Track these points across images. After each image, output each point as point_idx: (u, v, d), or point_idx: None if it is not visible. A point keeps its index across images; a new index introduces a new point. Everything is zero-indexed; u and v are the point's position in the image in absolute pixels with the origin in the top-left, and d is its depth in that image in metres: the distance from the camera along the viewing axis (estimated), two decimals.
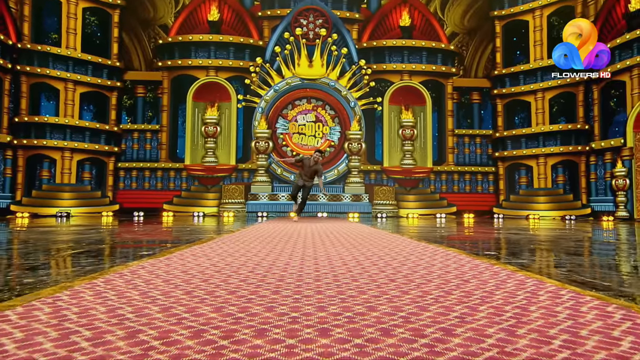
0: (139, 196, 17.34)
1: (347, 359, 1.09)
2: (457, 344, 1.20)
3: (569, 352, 1.13)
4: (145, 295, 1.81)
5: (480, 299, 1.76)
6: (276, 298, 1.77)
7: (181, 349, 1.16)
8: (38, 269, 2.79)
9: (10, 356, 1.07)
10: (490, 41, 18.57)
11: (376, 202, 17.49)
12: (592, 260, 3.66)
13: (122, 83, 17.60)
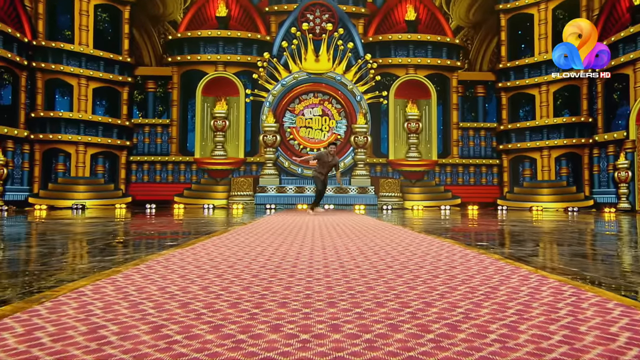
0: (150, 189, 17.82)
1: (350, 321, 1.46)
2: (434, 301, 1.57)
3: (545, 308, 1.49)
4: (183, 277, 2.20)
5: (462, 274, 2.13)
6: (292, 280, 2.15)
7: (219, 309, 1.53)
8: (86, 257, 3.19)
9: (103, 306, 1.45)
10: (495, 35, 18.74)
11: (382, 194, 17.85)
12: (574, 250, 4.00)
13: (133, 78, 18.02)
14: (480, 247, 3.79)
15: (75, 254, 3.43)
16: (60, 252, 3.57)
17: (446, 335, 1.31)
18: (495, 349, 1.20)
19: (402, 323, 1.43)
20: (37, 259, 3.16)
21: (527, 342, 1.26)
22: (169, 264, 2.64)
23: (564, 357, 1.15)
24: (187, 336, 1.29)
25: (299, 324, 1.43)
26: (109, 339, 1.27)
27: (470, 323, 1.44)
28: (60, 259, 3.14)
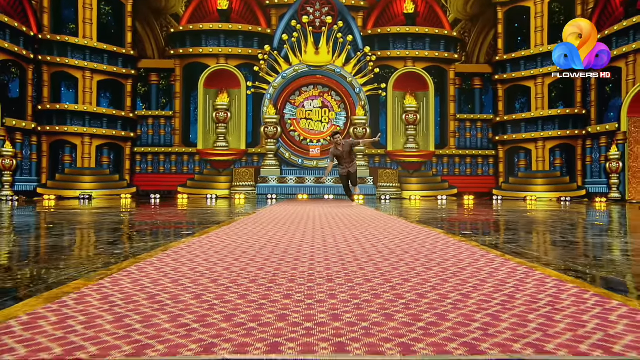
0: (154, 179, 18.28)
1: (344, 292, 1.91)
2: (412, 278, 2.02)
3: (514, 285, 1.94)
4: (207, 260, 2.65)
5: (440, 257, 2.58)
6: (297, 263, 2.60)
7: (241, 284, 1.98)
8: (117, 244, 3.65)
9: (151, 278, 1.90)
10: (492, 27, 19.05)
11: (380, 184, 18.30)
12: (545, 237, 4.46)
13: (137, 71, 18.37)
14: (462, 236, 4.24)
15: (107, 242, 3.88)
16: (94, 240, 4.03)
17: (405, 280, 1.76)
18: (454, 299, 1.65)
19: (383, 292, 1.88)
20: (77, 245, 3.62)
21: (478, 298, 1.72)
22: (192, 249, 3.09)
23: (503, 304, 1.60)
24: (222, 300, 1.74)
25: (305, 293, 1.88)
26: (164, 302, 1.72)
27: (436, 281, 1.89)
28: (96, 246, 3.60)
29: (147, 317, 1.52)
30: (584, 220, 7.04)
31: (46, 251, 3.33)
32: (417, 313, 1.58)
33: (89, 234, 4.57)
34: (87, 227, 5.27)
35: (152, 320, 1.49)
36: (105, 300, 1.74)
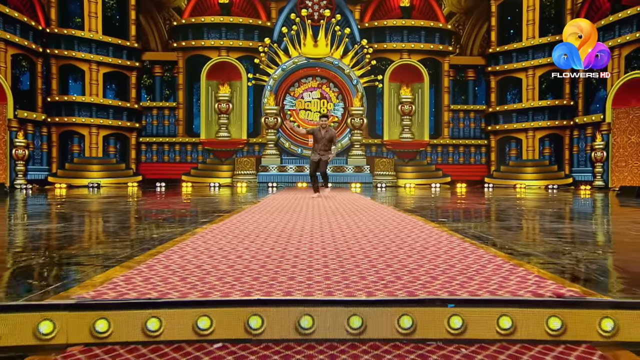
0: (159, 168, 18.99)
1: (333, 260, 2.66)
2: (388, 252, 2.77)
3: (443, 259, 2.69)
4: (228, 242, 3.40)
5: (409, 238, 3.34)
6: (299, 244, 3.35)
7: (260, 256, 2.73)
8: (152, 229, 4.40)
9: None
10: (486, 20, 19.62)
11: (377, 173, 19.04)
12: (503, 224, 5.22)
13: (141, 63, 18.95)
14: (438, 223, 5.00)
15: (142, 228, 4.63)
16: (133, 227, 4.78)
17: (380, 255, 2.51)
18: (411, 268, 2.40)
19: (362, 263, 2.64)
20: (121, 231, 4.37)
21: (428, 267, 2.47)
22: (215, 234, 3.85)
23: (444, 270, 2.35)
24: (248, 269, 2.49)
25: (306, 264, 2.64)
26: (208, 270, 2.47)
27: (403, 256, 2.64)
28: (137, 231, 4.35)
29: (201, 278, 2.28)
30: (552, 208, 7.81)
31: (99, 235, 4.08)
32: (382, 276, 2.33)
33: (124, 221, 5.32)
34: (119, 215, 6.02)
35: (205, 279, 2.25)
36: (167, 269, 2.49)
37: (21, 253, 3.16)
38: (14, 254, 3.14)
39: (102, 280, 2.24)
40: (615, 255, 3.24)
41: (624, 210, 7.68)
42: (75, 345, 1.81)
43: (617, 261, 3.01)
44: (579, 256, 3.01)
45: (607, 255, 3.17)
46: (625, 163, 15.26)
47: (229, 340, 1.83)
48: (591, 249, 3.35)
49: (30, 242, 3.71)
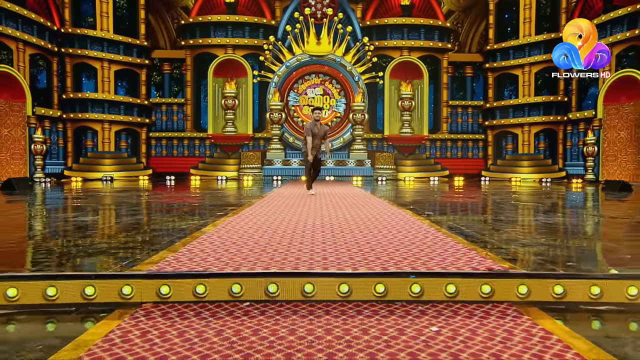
0: (168, 162, 19.79)
1: (328, 240, 3.43)
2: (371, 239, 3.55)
3: (417, 245, 3.46)
4: (247, 230, 4.17)
5: (391, 226, 4.10)
6: (304, 231, 4.12)
7: (277, 238, 3.50)
8: (180, 220, 5.17)
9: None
10: (484, 18, 20.19)
11: (377, 166, 19.76)
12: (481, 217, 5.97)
13: (150, 61, 19.68)
14: (422, 215, 5.76)
15: (172, 220, 5.41)
16: (165, 218, 5.56)
17: (368, 242, 3.28)
18: (389, 250, 3.17)
19: (351, 246, 3.41)
20: (156, 221, 5.15)
21: (402, 249, 3.23)
22: (235, 224, 4.62)
23: (408, 250, 3.12)
24: (265, 250, 3.27)
25: (309, 246, 3.41)
26: (240, 249, 3.25)
27: (385, 242, 3.41)
28: (171, 221, 5.13)
29: (230, 258, 3.06)
30: (533, 202, 8.55)
31: (140, 226, 4.86)
32: (366, 257, 3.11)
33: (153, 214, 6.10)
34: (147, 209, 6.80)
35: (234, 258, 3.03)
36: (203, 252, 3.27)
37: (87, 239, 3.95)
38: (82, 241, 3.93)
39: (158, 259, 3.02)
40: (553, 242, 3.99)
41: (603, 203, 8.42)
42: (147, 303, 2.59)
43: (551, 247, 3.76)
44: (525, 242, 3.77)
45: (548, 242, 3.92)
46: (614, 157, 15.94)
47: (254, 301, 2.60)
48: (538, 238, 4.10)
49: (87, 232, 4.50)
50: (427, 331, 2.03)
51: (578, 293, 2.63)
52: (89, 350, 1.78)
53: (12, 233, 4.60)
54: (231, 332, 2.00)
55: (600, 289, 2.61)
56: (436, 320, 2.21)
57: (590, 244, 4.08)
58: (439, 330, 2.03)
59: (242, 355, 1.72)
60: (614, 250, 3.75)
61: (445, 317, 2.27)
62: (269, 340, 1.89)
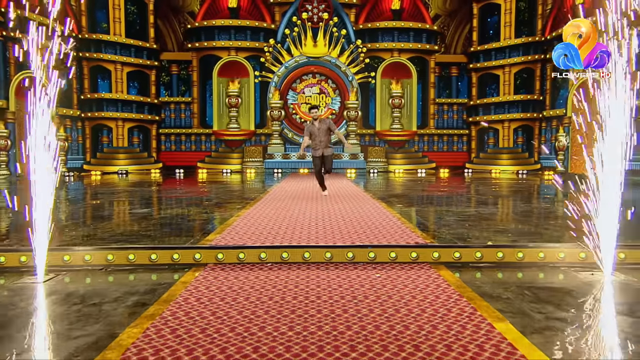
0: (177, 156, 21.47)
1: (321, 222, 5.18)
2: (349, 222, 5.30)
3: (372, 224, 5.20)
4: (262, 220, 5.92)
5: (364, 214, 5.86)
6: (304, 220, 5.87)
7: (285, 222, 5.25)
8: (209, 212, 6.90)
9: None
10: (468, 22, 21.76)
11: (370, 159, 21.46)
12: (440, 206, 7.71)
13: (159, 62, 21.24)
14: (392, 207, 7.50)
15: (206, 211, 7.14)
16: (196, 211, 7.30)
17: (346, 225, 5.04)
18: (355, 229, 4.93)
19: (335, 229, 5.17)
20: (191, 214, 6.89)
21: (365, 226, 4.99)
22: (253, 215, 6.36)
23: (366, 226, 4.87)
24: (278, 233, 5.02)
25: (308, 230, 5.17)
26: (264, 231, 5.00)
27: (354, 224, 5.17)
28: (205, 212, 6.87)
29: (257, 236, 4.81)
30: (490, 194, 10.31)
31: (185, 216, 6.60)
32: (343, 234, 4.87)
33: (189, 207, 7.83)
34: (183, 202, 8.53)
35: (260, 237, 4.79)
36: (238, 234, 5.02)
37: (158, 226, 5.69)
38: (151, 227, 5.68)
39: (212, 238, 4.78)
40: (469, 226, 5.74)
41: (539, 195, 10.20)
42: (209, 264, 4.33)
43: (465, 229, 5.51)
44: (451, 226, 5.53)
45: (465, 226, 5.67)
46: (581, 152, 17.67)
47: (274, 262, 4.34)
48: (462, 224, 5.85)
49: (152, 220, 6.23)
50: (374, 276, 3.78)
51: (468, 257, 4.37)
52: (189, 285, 3.52)
53: (102, 220, 6.33)
54: (263, 277, 3.75)
55: (481, 253, 4.36)
56: (381, 271, 3.96)
57: (491, 226, 5.83)
58: (380, 276, 3.78)
59: (271, 285, 3.48)
60: (504, 231, 5.51)
61: (386, 270, 4.01)
62: (285, 281, 3.63)
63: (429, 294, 3.21)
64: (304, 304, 2.98)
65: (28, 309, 3.06)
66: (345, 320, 2.69)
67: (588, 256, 4.14)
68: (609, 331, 2.72)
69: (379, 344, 2.33)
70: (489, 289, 3.44)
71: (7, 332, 2.64)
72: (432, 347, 2.30)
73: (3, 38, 15.01)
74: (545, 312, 2.93)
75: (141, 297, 3.23)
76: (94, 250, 4.29)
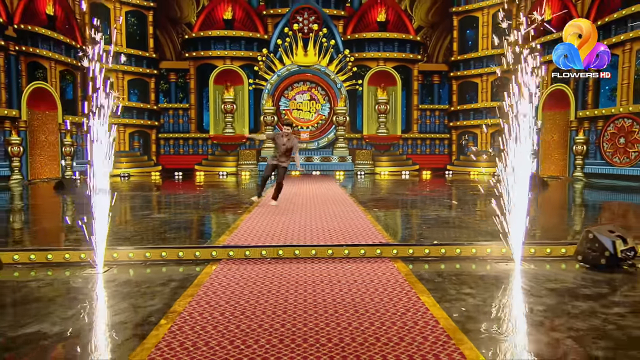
0: (175, 159, 22.72)
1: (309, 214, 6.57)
2: (328, 216, 6.70)
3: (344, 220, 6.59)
4: (262, 221, 7.29)
5: (343, 217, 7.26)
6: (301, 217, 7.25)
7: (289, 214, 6.63)
8: (230, 211, 8.25)
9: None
10: (449, 33, 23.22)
11: (357, 162, 22.85)
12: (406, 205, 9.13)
13: (158, 71, 22.45)
14: (367, 209, 8.89)
15: (214, 214, 8.49)
16: (207, 213, 8.65)
17: (328, 222, 6.44)
18: (330, 226, 6.33)
19: (318, 226, 6.57)
20: (202, 217, 8.25)
21: (340, 224, 6.39)
22: (255, 216, 7.72)
23: (341, 223, 6.27)
24: (281, 231, 6.40)
25: (297, 227, 6.56)
26: (273, 229, 6.38)
27: (333, 221, 6.57)
28: (216, 215, 8.22)
29: (260, 237, 6.19)
30: (456, 198, 11.75)
31: (198, 220, 7.94)
32: (325, 235, 6.27)
33: (200, 210, 9.17)
34: (193, 206, 9.86)
35: (261, 238, 6.17)
36: (245, 235, 6.40)
37: (176, 229, 7.04)
38: (173, 231, 7.03)
39: (223, 239, 6.16)
40: (425, 228, 7.16)
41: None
42: (223, 259, 5.69)
43: (421, 230, 6.91)
44: (411, 228, 6.94)
45: (422, 228, 7.07)
46: (550, 156, 19.25)
47: (272, 258, 5.71)
48: (420, 225, 7.26)
49: (173, 224, 7.58)
50: (347, 268, 5.18)
51: (419, 252, 5.77)
52: (212, 275, 4.90)
53: (133, 225, 7.65)
54: (264, 269, 5.12)
55: (429, 250, 5.77)
56: (352, 265, 5.35)
57: (443, 228, 7.25)
58: (351, 267, 5.17)
59: (270, 275, 4.87)
60: (452, 231, 6.94)
61: (357, 263, 5.40)
62: (280, 272, 5.00)
63: (384, 279, 4.61)
64: (293, 284, 4.38)
65: (105, 291, 4.42)
66: (324, 292, 4.08)
67: (507, 251, 5.58)
68: (498, 300, 4.13)
69: (348, 303, 3.73)
70: (428, 276, 4.84)
71: (100, 304, 4.01)
72: (377, 304, 3.70)
73: (15, 52, 16.16)
74: (460, 289, 4.33)
75: (179, 283, 4.58)
76: (135, 249, 5.64)
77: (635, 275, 4.93)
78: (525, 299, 4.16)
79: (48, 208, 10.91)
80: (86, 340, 3.21)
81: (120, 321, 3.54)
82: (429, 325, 3.35)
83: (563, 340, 3.14)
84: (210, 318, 3.51)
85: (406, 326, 3.33)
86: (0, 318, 3.63)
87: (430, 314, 3.59)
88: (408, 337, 3.13)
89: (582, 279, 4.69)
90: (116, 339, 3.19)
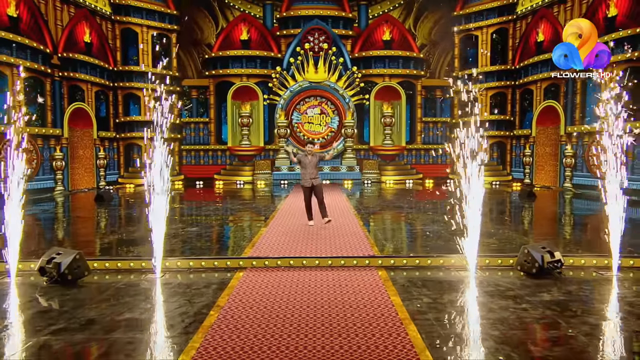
0: (196, 169, 24.66)
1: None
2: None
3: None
4: (277, 232, 9.05)
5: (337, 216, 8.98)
6: (304, 230, 9.00)
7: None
8: (242, 229, 10.03)
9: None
10: (450, 50, 24.74)
11: (365, 171, 24.51)
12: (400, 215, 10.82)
13: (181, 88, 24.39)
14: (362, 217, 10.59)
15: (240, 228, 10.29)
16: (234, 223, 10.47)
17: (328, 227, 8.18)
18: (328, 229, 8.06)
19: (322, 237, 8.31)
20: (229, 229, 10.06)
21: (336, 225, 8.12)
22: (272, 229, 9.48)
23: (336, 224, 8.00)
24: (299, 235, 8.16)
25: (306, 237, 8.32)
26: (296, 232, 8.15)
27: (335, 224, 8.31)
28: (241, 228, 10.02)
29: (277, 248, 7.95)
30: (445, 206, 13.37)
31: (228, 232, 9.73)
32: (327, 248, 8.01)
33: (227, 223, 11.00)
34: (215, 219, 11.70)
35: (277, 248, 7.94)
36: (267, 245, 8.17)
37: (209, 240, 8.83)
38: (207, 243, 8.84)
39: (248, 250, 7.96)
40: (409, 241, 8.82)
41: (489, 213, 13.25)
42: (248, 267, 7.46)
43: (405, 243, 8.58)
44: (398, 239, 8.62)
45: (405, 241, 8.74)
46: (543, 167, 20.71)
47: (285, 266, 7.46)
48: (404, 239, 8.93)
49: (207, 237, 9.38)
50: (342, 275, 6.92)
51: (399, 263, 7.47)
52: (240, 279, 6.67)
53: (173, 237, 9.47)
54: (279, 275, 6.88)
55: (406, 261, 7.47)
56: (346, 272, 7.08)
57: (426, 241, 8.89)
58: (345, 274, 6.91)
59: (284, 279, 6.63)
60: (429, 245, 8.60)
61: (349, 272, 7.11)
62: (291, 277, 6.75)
63: (367, 284, 6.31)
64: (301, 287, 6.13)
65: (166, 291, 6.20)
66: (323, 292, 5.83)
67: (465, 262, 7.24)
68: (445, 299, 5.81)
69: (339, 300, 5.47)
70: (402, 281, 6.52)
71: (166, 300, 5.81)
72: (359, 301, 5.43)
73: (59, 78, 18.19)
74: (421, 292, 6.02)
75: (217, 285, 6.34)
76: (181, 259, 7.43)
77: (558, 280, 6.55)
78: (463, 298, 5.85)
79: (103, 221, 12.82)
80: (165, 323, 5.00)
81: (183, 312, 5.30)
82: (391, 315, 5.05)
83: (474, 326, 4.84)
84: (243, 309, 5.27)
85: (376, 315, 5.04)
86: (107, 308, 5.44)
87: (395, 309, 5.29)
88: (374, 322, 4.85)
89: (514, 284, 6.34)
90: (185, 322, 4.96)
